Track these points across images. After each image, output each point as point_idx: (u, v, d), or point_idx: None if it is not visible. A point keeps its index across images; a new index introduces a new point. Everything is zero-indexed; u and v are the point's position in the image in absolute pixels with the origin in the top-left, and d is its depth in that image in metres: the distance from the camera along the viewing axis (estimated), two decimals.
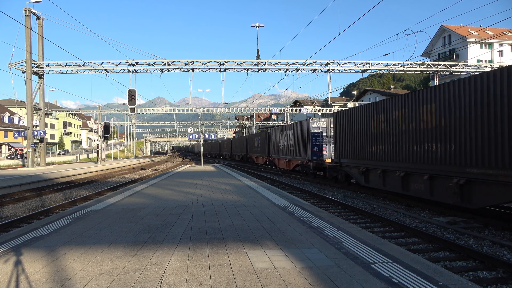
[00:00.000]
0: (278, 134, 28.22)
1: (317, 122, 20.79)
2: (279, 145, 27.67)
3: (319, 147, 20.58)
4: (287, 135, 25.40)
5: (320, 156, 20.45)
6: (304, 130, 21.72)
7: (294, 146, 23.55)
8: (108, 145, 71.23)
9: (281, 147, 27.06)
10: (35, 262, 4.34)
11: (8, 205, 13.01)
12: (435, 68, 30.41)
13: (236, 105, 67.48)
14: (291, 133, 24.49)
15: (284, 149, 26.15)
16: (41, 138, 27.60)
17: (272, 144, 30.59)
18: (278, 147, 28.22)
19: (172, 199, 9.78)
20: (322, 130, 20.77)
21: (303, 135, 21.71)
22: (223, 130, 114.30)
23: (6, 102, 71.60)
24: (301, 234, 5.58)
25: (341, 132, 16.05)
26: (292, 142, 24.05)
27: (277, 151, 28.74)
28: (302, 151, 22.01)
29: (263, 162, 35.36)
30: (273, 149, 30.05)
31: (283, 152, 26.62)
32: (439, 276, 3.71)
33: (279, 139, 27.83)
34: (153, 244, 5.09)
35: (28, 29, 25.15)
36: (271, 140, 30.73)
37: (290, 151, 24.54)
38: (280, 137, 27.57)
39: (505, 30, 50.41)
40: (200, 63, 27.36)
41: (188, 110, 52.07)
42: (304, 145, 21.51)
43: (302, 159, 22.14)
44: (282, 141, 26.71)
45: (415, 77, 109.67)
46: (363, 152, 14.00)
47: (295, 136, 23.34)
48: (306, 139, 21.18)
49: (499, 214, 9.50)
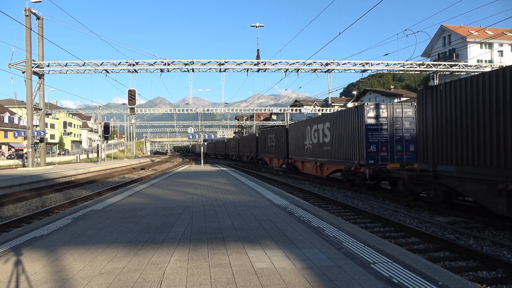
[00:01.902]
0: (303, 129, 22.17)
1: (374, 110, 14.73)
2: (305, 143, 21.61)
3: (378, 146, 14.55)
4: (318, 131, 19.54)
5: (379, 160, 14.41)
6: (351, 122, 15.74)
7: (332, 145, 17.64)
8: (108, 145, 71.23)
9: (308, 146, 21.05)
10: (35, 262, 4.34)
11: (8, 205, 13.01)
12: (435, 68, 30.42)
13: (236, 105, 67.47)
14: (326, 127, 18.52)
15: (313, 150, 20.20)
16: (41, 138, 27.60)
17: (292, 143, 24.40)
18: (302, 147, 22.24)
19: (172, 199, 9.78)
20: (381, 121, 14.72)
21: (350, 129, 15.82)
22: (223, 130, 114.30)
23: (6, 102, 71.59)
24: (301, 234, 5.58)
25: (446, 119, 9.61)
26: (328, 139, 18.18)
27: (300, 151, 22.65)
28: (347, 152, 16.06)
29: (279, 165, 28.85)
30: (294, 149, 23.96)
31: (310, 153, 20.69)
32: (439, 276, 3.71)
33: (304, 136, 21.91)
34: (153, 244, 5.09)
35: (28, 29, 25.15)
36: (292, 138, 24.68)
37: (324, 151, 18.63)
38: (306, 133, 21.57)
39: (505, 30, 50.41)
40: (200, 63, 27.37)
41: (188, 110, 52.05)
42: (352, 144, 15.63)
43: (346, 163, 16.22)
44: (310, 139, 20.83)
45: (415, 77, 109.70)
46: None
47: (334, 131, 17.48)
48: (356, 134, 15.23)
49: (499, 215, 9.49)
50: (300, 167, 23.43)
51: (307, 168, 21.89)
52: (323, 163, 19.06)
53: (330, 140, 17.90)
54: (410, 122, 14.84)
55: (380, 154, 14.60)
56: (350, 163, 15.85)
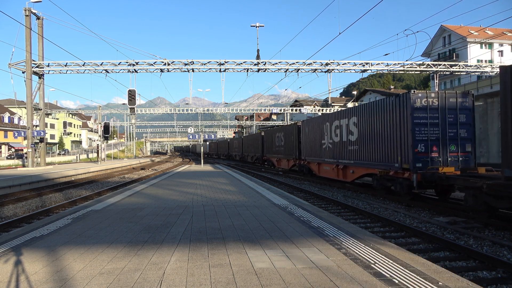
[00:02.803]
0: (320, 126, 19.55)
1: (423, 99, 11.79)
2: (322, 142, 19.03)
3: (427, 146, 11.67)
4: (341, 127, 16.72)
5: (428, 162, 11.61)
6: (390, 115, 12.71)
7: (360, 144, 14.82)
8: (108, 145, 71.22)
9: (327, 146, 18.39)
10: (35, 262, 4.34)
11: (8, 205, 13.01)
12: (435, 68, 30.43)
13: (236, 105, 67.48)
14: (351, 123, 15.63)
15: (334, 150, 17.57)
16: (41, 138, 27.61)
17: (306, 142, 21.80)
18: (319, 146, 19.61)
19: (172, 199, 9.78)
20: (432, 114, 11.79)
21: (388, 124, 12.83)
22: (223, 130, 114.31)
23: (6, 102, 71.59)
24: (301, 234, 5.58)
25: None
26: (354, 137, 15.36)
27: (316, 152, 19.98)
28: (383, 152, 13.10)
29: (289, 167, 26.02)
30: (309, 149, 21.35)
31: (330, 153, 18.07)
32: (439, 276, 3.71)
33: (321, 134, 19.26)
34: (153, 244, 5.09)
35: (28, 29, 25.16)
36: (305, 136, 22.00)
37: (349, 152, 15.82)
38: (324, 130, 18.96)
39: (505, 30, 50.41)
40: (200, 63, 27.37)
41: (188, 110, 52.06)
42: (390, 142, 12.70)
43: (381, 166, 13.23)
44: (330, 137, 18.14)
45: (415, 77, 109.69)
46: None
47: (364, 127, 14.52)
48: (397, 131, 12.29)
49: (499, 214, 9.50)
50: (315, 169, 20.50)
51: (325, 171, 19.07)
52: (348, 165, 16.13)
53: (358, 138, 15.03)
54: (467, 116, 12.02)
55: (430, 155, 11.66)
56: (387, 166, 12.88)
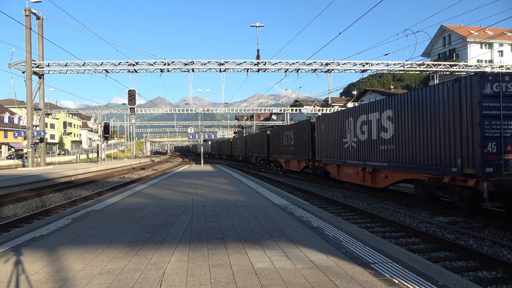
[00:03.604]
0: (341, 122, 16.75)
1: (495, 83, 8.95)
2: (344, 141, 16.29)
3: (501, 145, 8.97)
4: (370, 123, 13.97)
5: (501, 166, 8.89)
6: (445, 104, 9.93)
7: (397, 142, 12.19)
8: (108, 145, 71.23)
9: (350, 145, 15.72)
10: (35, 262, 4.34)
11: (8, 205, 13.01)
12: (435, 68, 30.43)
13: (236, 105, 67.46)
14: (384, 117, 12.98)
15: (360, 149, 14.81)
16: (41, 138, 27.60)
17: (322, 141, 19.05)
18: (339, 146, 16.89)
19: (172, 199, 9.78)
20: (508, 103, 9.05)
21: (442, 116, 10.05)
22: (223, 130, 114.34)
23: (6, 102, 71.62)
24: (301, 234, 5.58)
25: None
26: (389, 134, 12.69)
27: (335, 152, 17.27)
28: (432, 153, 10.42)
29: (300, 169, 23.09)
30: (325, 149, 18.61)
31: (354, 154, 15.38)
32: (439, 276, 3.71)
33: (342, 132, 16.53)
34: (153, 244, 5.09)
35: (28, 29, 25.15)
36: (321, 134, 19.19)
37: (382, 152, 13.14)
38: (346, 127, 16.18)
39: (505, 30, 50.42)
40: (200, 63, 27.37)
41: (188, 110, 52.04)
42: (445, 140, 9.94)
43: (431, 170, 10.51)
44: (354, 134, 15.37)
45: (415, 77, 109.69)
46: None
47: (402, 122, 11.93)
48: (456, 125, 9.55)
49: (499, 214, 9.50)
50: (334, 172, 17.66)
51: (347, 175, 16.32)
52: (378, 168, 13.42)
53: (394, 136, 12.34)
54: None
55: (504, 157, 8.89)
56: (439, 171, 10.12)
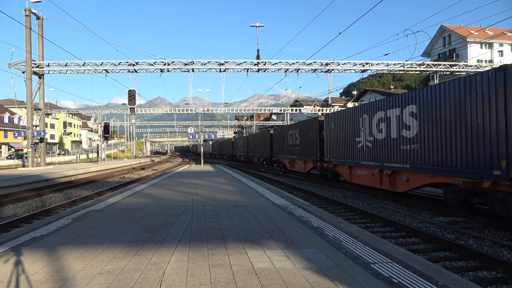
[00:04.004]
0: (354, 120, 15.14)
1: None
2: (357, 140, 14.66)
3: None
4: (389, 120, 12.31)
5: None
6: (485, 97, 8.46)
7: (421, 141, 10.65)
8: (108, 145, 71.24)
9: (365, 144, 14.05)
10: (35, 262, 4.34)
11: (8, 205, 13.01)
12: (435, 68, 30.43)
13: (236, 105, 67.42)
14: (406, 113, 11.40)
15: (376, 149, 13.24)
16: (41, 138, 27.60)
17: (331, 141, 17.30)
18: (351, 146, 15.27)
19: (172, 199, 9.78)
20: None
21: (481, 109, 8.60)
22: (223, 130, 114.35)
23: (6, 102, 71.63)
24: (301, 234, 5.58)
25: None
26: (411, 133, 11.12)
27: (347, 152, 15.72)
28: (467, 153, 8.99)
29: (306, 170, 21.62)
30: (335, 149, 16.90)
31: (368, 154, 13.81)
32: (439, 276, 3.71)
33: (355, 130, 14.95)
34: (153, 244, 5.10)
35: (28, 29, 25.15)
36: (331, 133, 17.45)
37: (402, 152, 11.56)
38: (359, 125, 14.57)
39: (505, 30, 50.42)
40: (200, 63, 27.37)
41: (188, 110, 52.01)
42: (483, 138, 8.52)
43: (466, 174, 9.02)
44: (369, 133, 13.67)
45: (415, 77, 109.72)
46: None
47: (428, 118, 10.40)
48: (499, 120, 8.10)
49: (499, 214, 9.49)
50: (345, 174, 16.25)
51: (360, 177, 14.81)
52: (399, 170, 11.86)
53: (419, 134, 10.73)
54: None
55: None
56: (477, 174, 8.63)
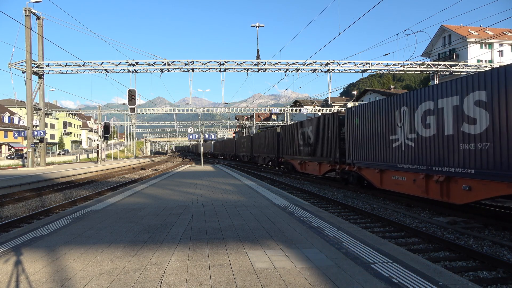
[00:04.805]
0: (387, 113, 12.48)
1: None
2: (392, 139, 12.09)
3: None
4: (440, 113, 9.81)
5: None
6: None
7: (495, 139, 8.14)
8: (108, 145, 71.24)
9: (401, 144, 11.54)
10: (35, 262, 4.34)
11: (8, 205, 13.01)
12: (435, 68, 30.42)
13: (236, 105, 67.40)
14: (469, 102, 8.84)
15: (419, 150, 10.70)
16: (41, 138, 27.60)
17: (355, 140, 14.58)
18: (382, 146, 12.68)
19: (172, 199, 9.78)
20: None
21: None
22: (223, 130, 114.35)
23: (6, 102, 71.62)
24: (301, 234, 5.58)
25: None
26: (477, 128, 8.62)
27: (377, 153, 13.06)
28: None
29: (322, 173, 18.78)
30: (359, 149, 14.27)
31: (409, 156, 11.19)
32: (439, 276, 3.71)
33: (388, 127, 12.36)
34: (153, 244, 5.09)
35: (28, 29, 25.15)
36: (353, 131, 14.75)
37: (464, 153, 9.00)
38: (395, 120, 11.94)
39: (505, 30, 50.42)
40: (200, 63, 27.37)
41: (188, 110, 52.00)
42: None
43: None
44: (410, 129, 11.09)
45: (415, 77, 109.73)
46: None
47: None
48: None
49: (499, 214, 9.50)
50: (373, 179, 13.47)
51: (396, 183, 12.01)
52: (457, 176, 9.26)
53: (489, 129, 8.26)
54: None
55: None
56: None
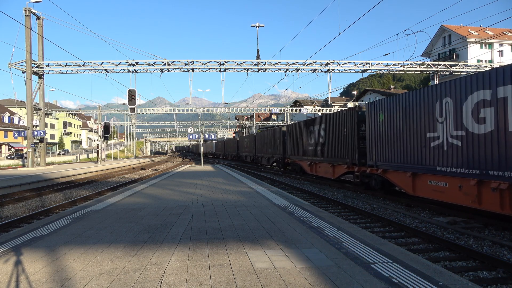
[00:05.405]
0: (424, 107, 10.28)
1: None
2: (431, 136, 10.04)
3: None
4: (505, 103, 7.54)
5: None
6: None
7: None
8: (108, 145, 71.23)
9: (444, 142, 9.51)
10: (35, 262, 4.34)
11: (8, 205, 13.01)
12: (435, 68, 30.42)
13: (236, 105, 67.38)
14: None
15: (469, 150, 8.64)
16: (41, 138, 27.59)
17: (378, 138, 12.76)
18: (416, 145, 10.65)
19: (172, 199, 9.78)
20: None
21: None
22: (223, 130, 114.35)
23: (6, 102, 71.62)
24: (301, 234, 5.58)
25: None
26: None
27: (407, 154, 11.12)
28: None
29: (336, 175, 17.05)
30: (384, 149, 12.41)
31: (454, 158, 9.14)
32: (439, 276, 3.71)
33: (429, 121, 10.11)
34: (153, 244, 5.09)
35: (28, 29, 25.15)
36: (376, 128, 12.90)
37: None
38: (434, 114, 9.87)
39: (505, 30, 50.42)
40: (200, 63, 27.36)
41: (188, 110, 51.99)
42: None
43: None
44: (455, 125, 9.08)
45: (415, 77, 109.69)
46: None
47: None
48: None
49: (499, 214, 9.49)
50: (404, 184, 11.48)
51: (435, 190, 9.96)
52: None
53: None
54: None
55: None
56: None
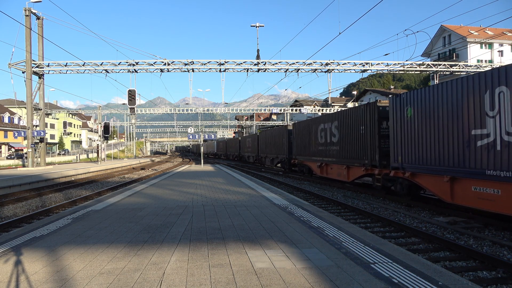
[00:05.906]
0: (468, 99, 8.55)
1: None
2: (477, 134, 8.33)
3: None
4: None
5: None
6: None
7: None
8: (108, 145, 71.21)
9: (498, 141, 7.73)
10: (35, 262, 4.34)
11: (8, 205, 13.01)
12: (435, 68, 30.42)
13: (236, 105, 67.36)
14: None
15: None
16: (41, 138, 27.60)
17: (404, 137, 11.21)
18: (456, 144, 8.96)
19: (172, 199, 9.78)
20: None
21: None
22: (223, 130, 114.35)
23: (6, 102, 71.62)
24: (301, 234, 5.58)
25: None
26: None
27: (442, 155, 9.50)
28: None
29: (351, 178, 15.48)
30: (411, 150, 10.88)
31: (504, 159, 7.54)
32: (439, 276, 3.71)
33: (475, 117, 8.38)
34: (153, 244, 5.09)
35: (28, 29, 25.15)
36: (401, 126, 11.35)
37: None
38: (483, 108, 8.14)
39: (505, 30, 50.40)
40: (200, 63, 27.36)
41: (188, 110, 51.98)
42: None
43: None
44: None
45: (415, 77, 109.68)
46: None
47: None
48: None
49: (499, 214, 9.49)
50: (439, 190, 9.83)
51: (484, 198, 8.36)
52: None
53: None
54: None
55: None
56: None
